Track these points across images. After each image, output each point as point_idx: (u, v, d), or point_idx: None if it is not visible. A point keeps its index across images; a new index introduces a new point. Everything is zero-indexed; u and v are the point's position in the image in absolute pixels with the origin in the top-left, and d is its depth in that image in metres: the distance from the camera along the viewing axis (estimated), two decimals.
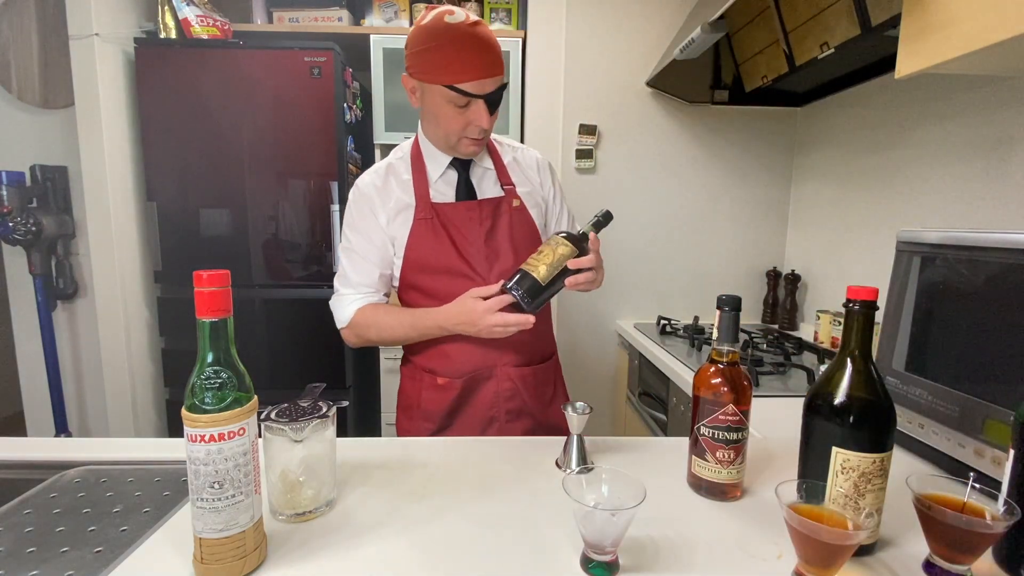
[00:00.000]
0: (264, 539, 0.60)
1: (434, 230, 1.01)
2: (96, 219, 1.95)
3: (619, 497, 0.60)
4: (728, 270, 2.24)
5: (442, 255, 1.01)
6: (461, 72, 0.90)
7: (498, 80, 0.93)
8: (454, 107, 0.94)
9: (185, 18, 1.94)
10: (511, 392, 1.05)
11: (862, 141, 1.74)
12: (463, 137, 0.98)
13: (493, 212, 1.04)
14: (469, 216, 1.02)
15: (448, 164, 1.05)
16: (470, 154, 1.02)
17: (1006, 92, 1.24)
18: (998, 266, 0.76)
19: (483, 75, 0.90)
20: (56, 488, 0.80)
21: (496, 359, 1.04)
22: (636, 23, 2.07)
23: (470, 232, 1.02)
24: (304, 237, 2.03)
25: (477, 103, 0.93)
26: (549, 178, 1.15)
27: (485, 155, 1.09)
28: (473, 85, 0.91)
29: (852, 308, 0.62)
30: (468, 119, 0.95)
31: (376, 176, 1.05)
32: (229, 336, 0.55)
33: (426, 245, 1.01)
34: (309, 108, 1.95)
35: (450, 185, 1.05)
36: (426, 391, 1.07)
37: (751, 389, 0.72)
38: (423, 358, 1.08)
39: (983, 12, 0.83)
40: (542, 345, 1.11)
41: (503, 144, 1.13)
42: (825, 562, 0.54)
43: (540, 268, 0.87)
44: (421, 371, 1.08)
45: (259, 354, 2.07)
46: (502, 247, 1.03)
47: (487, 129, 0.97)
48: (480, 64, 0.90)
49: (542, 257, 0.88)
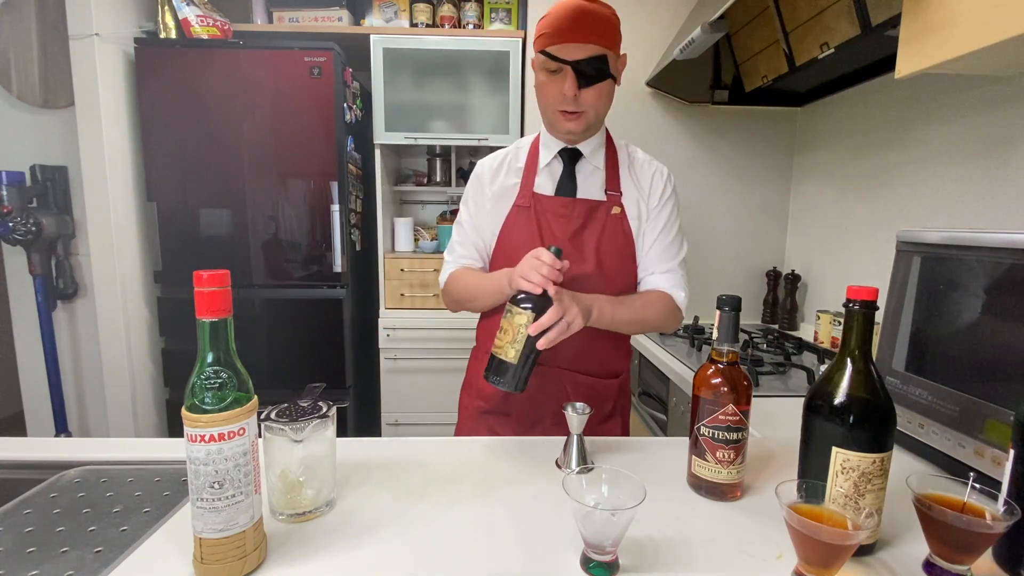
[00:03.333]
0: (264, 539, 0.60)
1: (527, 218, 1.02)
2: (96, 219, 1.95)
3: (619, 497, 0.60)
4: (728, 270, 2.24)
5: (527, 243, 1.00)
6: (551, 36, 0.91)
7: (589, 49, 0.90)
8: (546, 74, 0.94)
9: (185, 18, 1.94)
10: (562, 395, 1.03)
11: (862, 141, 1.74)
12: (557, 111, 0.96)
13: (587, 214, 1.02)
14: (562, 212, 1.02)
15: (555, 154, 1.04)
16: (568, 132, 0.99)
17: (1006, 92, 1.24)
18: (998, 266, 0.76)
19: (568, 39, 0.89)
20: (56, 488, 0.80)
21: (553, 359, 1.00)
22: (636, 23, 2.07)
23: (559, 227, 1.02)
24: (304, 237, 2.03)
25: (565, 69, 0.91)
26: (660, 193, 1.06)
27: (599, 154, 1.05)
28: (559, 49, 0.90)
29: (852, 308, 0.62)
30: (559, 88, 0.93)
31: (494, 159, 1.09)
32: (229, 336, 0.55)
33: (516, 231, 1.03)
34: (309, 108, 1.95)
35: (553, 176, 1.05)
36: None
37: (751, 389, 0.72)
38: (488, 340, 1.06)
39: (983, 12, 0.83)
40: (610, 360, 1.08)
41: (625, 150, 1.09)
42: (825, 562, 0.54)
43: (509, 350, 0.81)
44: (484, 352, 1.07)
45: (259, 354, 2.07)
46: (586, 249, 1.01)
47: (571, 98, 0.93)
48: (568, 28, 0.89)
49: (505, 336, 0.81)
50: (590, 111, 0.96)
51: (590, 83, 0.93)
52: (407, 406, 2.24)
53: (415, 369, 2.22)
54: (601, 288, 1.00)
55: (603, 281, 1.01)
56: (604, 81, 0.94)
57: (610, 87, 0.96)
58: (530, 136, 1.11)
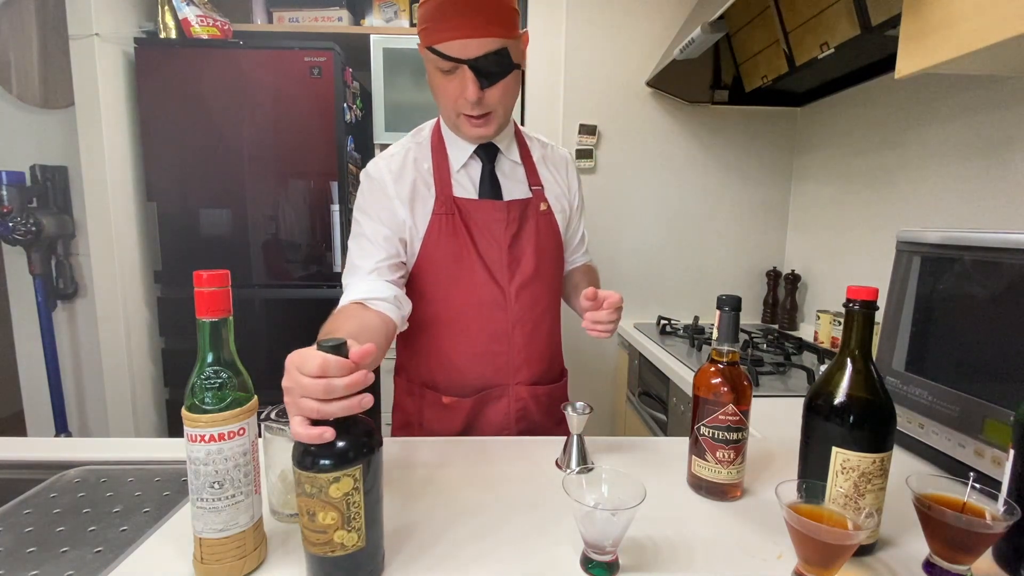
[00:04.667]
0: (264, 539, 0.60)
1: (454, 228, 0.91)
2: (96, 219, 1.95)
3: (619, 497, 0.60)
4: (728, 270, 2.24)
5: (460, 256, 0.91)
6: (439, 30, 0.78)
7: (487, 43, 0.78)
8: (441, 74, 0.82)
9: (185, 18, 1.93)
10: (521, 412, 0.98)
11: (862, 141, 1.74)
12: (459, 114, 0.85)
13: (520, 215, 0.94)
14: (495, 217, 0.92)
15: (472, 153, 0.94)
16: (475, 137, 0.90)
17: (1006, 92, 1.24)
18: (998, 266, 0.76)
19: (460, 34, 0.77)
20: (56, 488, 0.80)
21: (508, 377, 0.96)
22: (636, 23, 2.07)
23: (494, 235, 0.92)
24: (304, 237, 2.03)
25: (462, 69, 0.80)
26: (576, 183, 1.05)
27: (513, 147, 0.98)
28: (450, 46, 0.78)
29: (852, 308, 0.62)
30: (458, 90, 0.82)
31: (391, 160, 0.93)
32: (229, 336, 0.55)
33: (442, 243, 0.91)
34: (309, 108, 1.95)
35: (472, 178, 0.94)
36: (429, 409, 0.97)
37: (751, 389, 0.72)
38: (422, 370, 0.98)
39: (983, 12, 0.83)
40: (556, 363, 1.05)
41: (533, 139, 1.03)
42: (825, 562, 0.54)
43: (343, 536, 0.52)
44: (420, 386, 0.98)
45: (259, 354, 2.07)
46: (525, 255, 0.94)
47: (474, 102, 0.81)
48: (457, 22, 0.77)
49: (326, 517, 0.51)
50: (498, 109, 0.85)
51: (493, 81, 0.81)
52: None
53: None
54: (541, 291, 0.97)
55: (542, 284, 0.97)
56: (509, 75, 0.82)
57: (516, 78, 0.85)
58: (421, 131, 0.98)
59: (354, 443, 0.51)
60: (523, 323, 0.95)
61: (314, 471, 0.50)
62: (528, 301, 0.95)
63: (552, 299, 1.01)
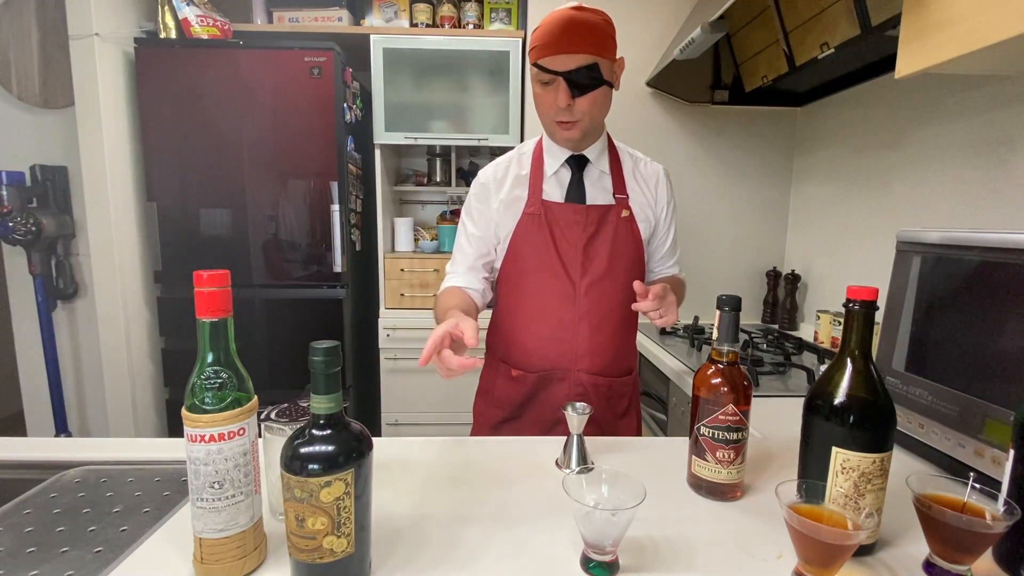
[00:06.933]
0: (264, 539, 0.60)
1: (538, 226, 1.03)
2: (96, 219, 1.95)
3: (619, 497, 0.60)
4: (728, 270, 2.24)
5: (541, 251, 1.03)
6: (542, 48, 0.93)
7: (580, 58, 0.91)
8: (541, 86, 0.96)
9: (185, 18, 1.94)
10: (581, 396, 1.06)
11: (862, 141, 1.74)
12: (554, 121, 0.98)
13: (599, 219, 1.04)
14: (575, 219, 1.03)
15: (563, 163, 1.05)
16: (567, 141, 1.01)
17: (1006, 92, 1.24)
18: (998, 266, 0.76)
19: (558, 50, 0.91)
20: (56, 488, 0.80)
21: (571, 363, 1.06)
22: (636, 23, 2.07)
23: (572, 234, 1.03)
24: (304, 237, 2.03)
25: (557, 80, 0.93)
26: (666, 197, 1.13)
27: (603, 158, 1.08)
28: (550, 60, 0.92)
29: (852, 308, 0.62)
30: (553, 98, 0.95)
31: (497, 168, 1.09)
32: (229, 336, 0.55)
33: (528, 239, 1.04)
34: (309, 108, 1.95)
35: (562, 184, 1.06)
36: (500, 379, 1.11)
37: (751, 389, 0.72)
38: (500, 346, 1.12)
39: (983, 12, 0.83)
40: (622, 359, 1.11)
41: (626, 152, 1.12)
42: (825, 562, 0.54)
43: (332, 541, 0.51)
44: (498, 360, 1.12)
45: (259, 354, 2.07)
46: (599, 256, 1.04)
47: (565, 108, 0.95)
48: (557, 40, 0.91)
49: (316, 521, 0.50)
50: (585, 119, 0.97)
51: (583, 92, 0.94)
52: (407, 406, 2.24)
53: (415, 369, 2.22)
54: (612, 290, 1.05)
55: (614, 284, 1.05)
56: (598, 88, 0.95)
57: (605, 93, 0.97)
58: (530, 141, 1.12)
59: (345, 447, 0.51)
60: (590, 317, 1.05)
61: (304, 475, 0.49)
62: (596, 297, 1.05)
63: (624, 299, 1.06)
